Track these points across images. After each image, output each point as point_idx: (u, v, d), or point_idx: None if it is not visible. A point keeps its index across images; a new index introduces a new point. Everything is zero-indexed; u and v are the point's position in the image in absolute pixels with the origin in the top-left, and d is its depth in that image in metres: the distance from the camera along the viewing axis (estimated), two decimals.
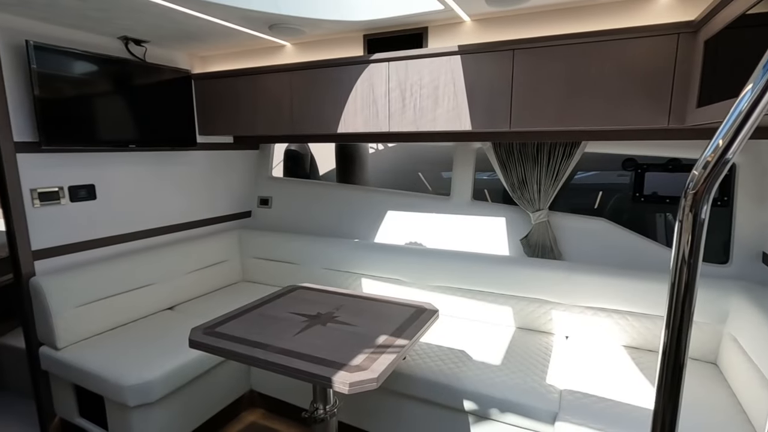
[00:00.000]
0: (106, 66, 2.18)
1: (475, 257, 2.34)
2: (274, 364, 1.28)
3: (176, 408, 1.95)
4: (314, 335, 1.48)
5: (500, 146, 2.36)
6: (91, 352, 1.98)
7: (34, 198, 2.04)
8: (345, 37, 2.38)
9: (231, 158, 3.07)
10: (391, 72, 2.11)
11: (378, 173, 4.33)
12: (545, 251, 2.34)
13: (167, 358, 1.93)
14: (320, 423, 1.58)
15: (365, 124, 2.22)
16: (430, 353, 1.99)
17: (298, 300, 1.85)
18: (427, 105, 2.06)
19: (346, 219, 2.96)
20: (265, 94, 2.45)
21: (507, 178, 2.38)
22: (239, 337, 1.46)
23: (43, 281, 1.98)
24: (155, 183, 2.59)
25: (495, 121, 1.94)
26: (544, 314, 2.17)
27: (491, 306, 2.28)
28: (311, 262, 2.73)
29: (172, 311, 2.50)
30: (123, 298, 2.27)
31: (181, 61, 2.70)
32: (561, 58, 1.77)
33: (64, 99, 2.03)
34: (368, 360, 1.29)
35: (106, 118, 2.21)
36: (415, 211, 2.75)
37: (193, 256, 2.67)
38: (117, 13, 1.88)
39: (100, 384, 1.85)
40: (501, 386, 1.73)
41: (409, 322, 1.59)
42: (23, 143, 2.00)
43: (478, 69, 1.92)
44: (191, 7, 1.85)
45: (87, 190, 2.25)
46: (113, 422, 1.91)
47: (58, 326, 2.00)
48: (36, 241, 2.07)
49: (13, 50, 1.93)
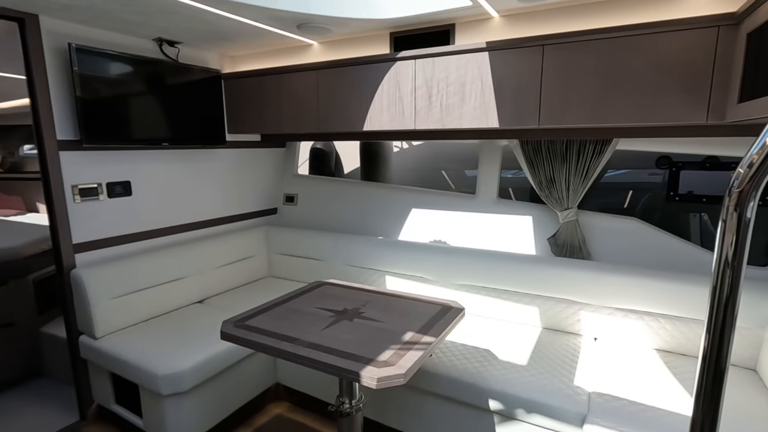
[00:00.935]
0: (141, 67, 2.26)
1: (500, 256, 2.31)
2: (303, 358, 1.31)
3: (206, 398, 2.01)
4: (341, 330, 1.50)
5: (528, 144, 2.33)
6: (126, 342, 2.06)
7: (75, 194, 2.14)
8: (371, 35, 2.39)
9: (258, 156, 3.13)
10: (418, 69, 2.11)
11: (401, 171, 4.33)
12: (573, 251, 2.29)
13: (198, 349, 1.99)
14: (346, 417, 1.60)
15: (391, 122, 2.22)
16: (455, 351, 1.98)
17: (325, 295, 1.87)
18: (453, 102, 2.04)
19: (370, 216, 2.97)
20: (292, 92, 2.48)
21: (534, 176, 2.34)
22: (268, 330, 1.50)
23: (83, 273, 2.08)
24: (186, 180, 2.67)
25: (523, 118, 1.92)
26: (572, 315, 2.13)
27: (517, 306, 2.26)
28: (336, 259, 2.76)
29: (201, 304, 2.58)
30: (156, 291, 2.35)
31: (212, 61, 2.77)
32: (593, 53, 1.73)
33: (102, 99, 2.12)
34: (395, 356, 1.30)
35: (141, 117, 2.29)
36: (440, 209, 2.74)
37: (221, 252, 2.74)
38: (153, 15, 1.95)
39: (136, 373, 1.93)
40: (527, 386, 1.71)
41: (435, 320, 1.59)
42: (65, 141, 2.09)
43: (507, 65, 1.90)
44: (223, 8, 1.90)
45: (123, 187, 2.34)
46: (147, 410, 1.99)
47: (97, 316, 2.09)
48: (76, 235, 2.16)
49: (57, 52, 2.02)
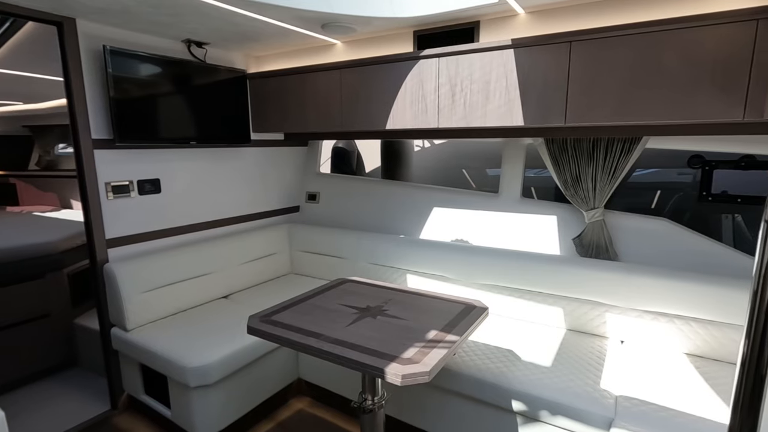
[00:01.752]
0: (170, 67, 2.32)
1: (524, 256, 2.29)
2: (328, 353, 1.32)
3: (231, 391, 2.05)
4: (365, 327, 1.51)
5: (553, 142, 2.29)
6: (156, 335, 2.13)
7: (108, 191, 2.22)
8: (395, 33, 2.39)
9: (281, 155, 3.18)
10: (441, 67, 2.10)
11: (422, 170, 4.33)
12: (599, 251, 2.25)
13: (224, 343, 2.03)
14: (368, 414, 1.61)
15: (414, 120, 2.22)
16: (477, 351, 1.97)
17: (348, 293, 1.89)
18: (477, 100, 2.03)
19: (391, 215, 2.98)
20: (315, 91, 2.51)
21: (560, 175, 2.30)
22: (293, 325, 1.52)
23: (115, 267, 2.15)
24: (212, 178, 2.73)
25: (549, 116, 1.89)
26: (598, 317, 2.09)
27: (540, 306, 2.23)
28: (357, 257, 2.78)
29: (226, 300, 2.64)
30: (183, 286, 2.42)
31: (238, 61, 2.82)
32: (623, 49, 1.69)
33: (134, 99, 2.18)
34: (419, 354, 1.30)
35: (170, 116, 2.36)
36: (462, 208, 2.72)
37: (245, 248, 2.80)
38: (184, 17, 2.00)
39: (165, 365, 1.98)
40: (551, 388, 1.69)
41: (458, 319, 1.59)
42: (99, 140, 2.17)
43: (532, 63, 1.87)
44: (251, 9, 1.93)
45: (153, 184, 2.41)
46: (175, 401, 2.05)
47: (128, 309, 2.16)
48: (109, 231, 2.24)
49: (92, 54, 2.10)
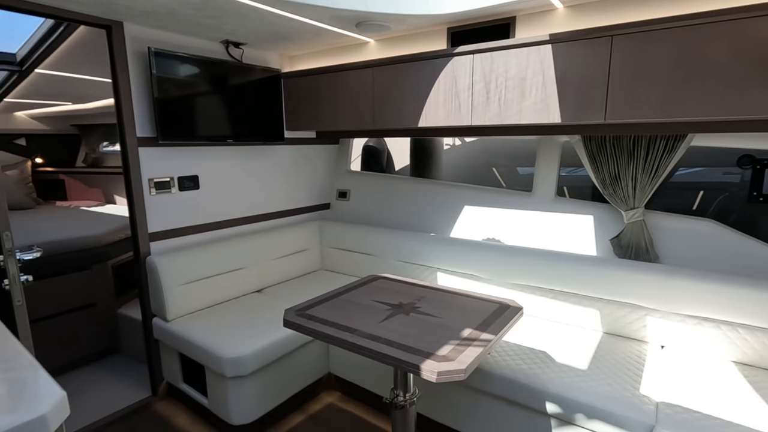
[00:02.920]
0: (209, 68, 2.40)
1: (559, 256, 2.24)
2: (363, 348, 1.34)
3: (265, 382, 2.11)
4: (399, 324, 1.52)
5: (590, 140, 2.23)
6: (194, 326, 2.21)
7: (151, 187, 2.32)
8: (428, 31, 2.39)
9: (313, 152, 3.23)
10: (476, 64, 2.08)
11: (451, 168, 4.29)
12: (639, 253, 2.17)
13: (258, 336, 2.09)
14: (400, 410, 1.62)
15: (447, 118, 2.21)
16: (510, 351, 1.94)
17: (380, 289, 1.90)
18: (512, 97, 2.00)
19: (422, 213, 2.98)
20: (348, 90, 2.53)
21: (597, 173, 2.24)
22: (328, 320, 1.55)
23: (157, 260, 2.25)
24: (247, 175, 2.81)
25: (588, 113, 1.84)
26: (637, 320, 2.02)
27: (576, 308, 2.17)
28: (387, 255, 2.79)
29: (260, 294, 2.70)
30: (219, 279, 2.50)
31: (273, 61, 2.88)
32: (668, 42, 1.63)
33: (175, 98, 2.27)
34: (454, 351, 1.30)
35: (208, 115, 2.43)
36: (494, 206, 2.69)
37: (278, 244, 2.86)
38: (224, 19, 2.06)
39: (202, 355, 2.06)
40: (588, 391, 1.65)
41: (493, 318, 1.57)
42: (144, 138, 2.27)
43: (571, 58, 1.83)
44: (288, 9, 1.97)
45: (192, 181, 2.50)
46: (212, 389, 2.12)
47: (169, 301, 2.25)
48: (151, 225, 2.34)
49: (138, 56, 2.20)
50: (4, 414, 0.82)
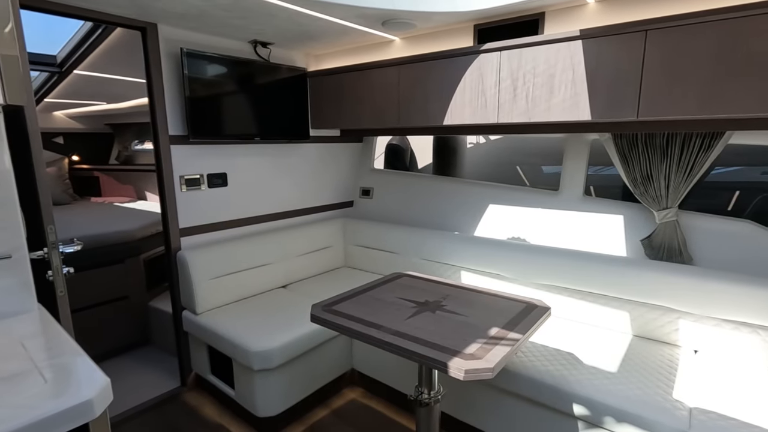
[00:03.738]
0: (238, 67, 2.45)
1: (586, 256, 2.19)
2: (390, 345, 1.35)
3: (290, 376, 2.15)
4: (425, 321, 1.52)
5: (621, 137, 2.17)
6: (222, 320, 2.27)
7: (182, 183, 2.39)
8: (454, 28, 2.37)
9: (337, 150, 3.26)
10: (503, 61, 2.05)
11: (474, 167, 4.26)
12: (671, 254, 2.11)
13: (284, 330, 2.13)
14: (425, 407, 1.62)
15: (472, 116, 2.19)
16: (535, 352, 1.92)
17: (405, 287, 1.91)
18: (540, 94, 1.97)
19: (445, 211, 2.96)
20: (373, 88, 2.54)
21: (628, 172, 2.18)
22: (354, 316, 1.56)
23: (187, 255, 2.32)
24: (273, 172, 2.85)
25: (619, 110, 1.79)
26: (669, 323, 1.96)
27: (604, 309, 2.13)
28: (411, 253, 2.79)
29: (285, 289, 2.75)
30: (246, 275, 2.55)
31: (299, 60, 2.92)
32: (706, 36, 1.57)
33: (205, 97, 2.33)
34: (481, 350, 1.29)
35: (237, 114, 2.49)
36: (519, 205, 2.66)
37: (302, 241, 2.90)
38: (254, 19, 2.10)
39: (230, 348, 2.11)
40: (617, 394, 1.61)
41: (520, 317, 1.56)
42: (175, 136, 2.34)
43: (602, 54, 1.79)
44: (315, 8, 1.99)
45: (221, 178, 2.56)
46: (239, 382, 2.17)
47: (198, 294, 2.32)
48: (182, 220, 2.41)
49: (170, 57, 2.26)
50: (54, 398, 0.87)
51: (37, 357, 1.03)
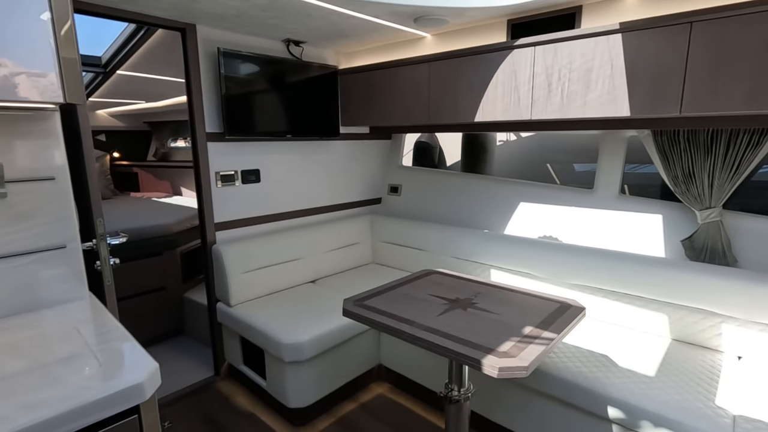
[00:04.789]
0: (271, 66, 2.50)
1: (623, 256, 2.13)
2: (422, 340, 1.36)
3: (319, 369, 2.19)
4: (456, 318, 1.52)
5: (661, 134, 2.10)
6: (254, 312, 2.33)
7: (217, 179, 2.46)
8: (487, 23, 2.34)
9: (366, 148, 3.28)
10: (537, 56, 2.02)
11: (504, 164, 4.19)
12: (714, 256, 2.02)
13: (315, 324, 2.17)
14: (455, 404, 1.62)
15: (505, 113, 2.17)
16: (567, 353, 1.89)
17: (435, 284, 1.91)
18: (576, 90, 1.92)
19: (474, 209, 2.94)
20: (403, 85, 2.55)
21: (668, 170, 2.10)
22: (386, 311, 1.58)
23: (222, 248, 2.39)
24: (304, 169, 2.90)
25: (660, 105, 1.73)
26: (711, 328, 1.88)
27: (640, 311, 2.06)
28: (439, 250, 2.79)
29: (314, 284, 2.80)
30: (277, 269, 2.61)
31: (330, 58, 2.95)
32: (756, 28, 1.49)
33: (240, 96, 2.39)
34: (515, 348, 1.28)
35: (270, 111, 2.54)
36: (551, 203, 2.60)
37: (331, 237, 2.94)
38: (289, 18, 2.14)
39: (262, 339, 2.17)
40: (655, 399, 1.56)
41: (554, 317, 1.53)
42: (212, 134, 2.41)
43: (643, 47, 1.73)
44: (349, 6, 2.01)
45: (254, 174, 2.63)
46: (270, 373, 2.23)
47: (232, 287, 2.39)
48: (217, 215, 2.49)
49: (208, 56, 2.33)
50: (109, 380, 0.92)
51: (91, 341, 1.10)
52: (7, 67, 0.98)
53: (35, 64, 1.00)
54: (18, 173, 1.24)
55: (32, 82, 1.00)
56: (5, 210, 1.23)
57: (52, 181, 1.30)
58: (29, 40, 1.00)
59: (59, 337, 1.14)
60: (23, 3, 0.98)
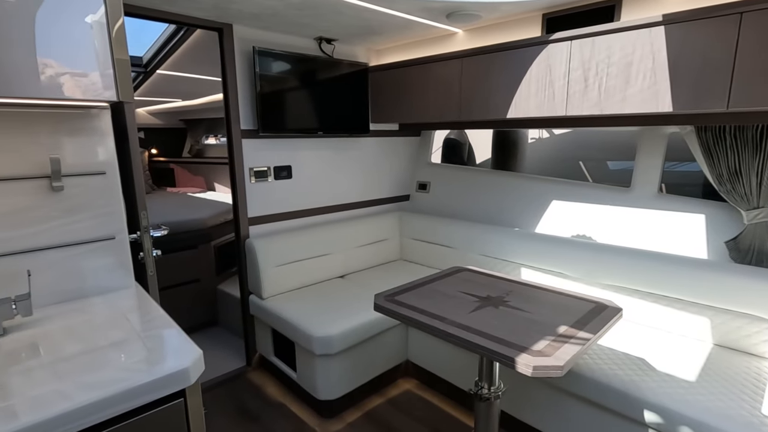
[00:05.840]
0: (304, 64, 2.54)
1: (661, 257, 2.06)
2: (454, 336, 1.36)
3: (348, 363, 2.22)
4: (488, 316, 1.51)
5: (706, 130, 2.01)
6: (286, 305, 2.38)
7: (251, 175, 2.53)
8: (521, 18, 2.30)
9: (395, 144, 3.29)
10: (573, 51, 1.97)
11: (536, 162, 4.11)
12: (762, 258, 1.92)
13: (344, 318, 2.20)
14: (484, 402, 1.62)
15: (538, 109, 2.12)
16: (602, 355, 1.84)
17: (466, 281, 1.90)
18: (615, 85, 1.87)
19: (504, 207, 2.90)
20: (434, 81, 2.53)
21: (713, 168, 2.01)
22: (417, 307, 1.59)
23: (255, 243, 2.46)
24: (334, 166, 2.94)
25: (706, 100, 1.66)
26: (757, 333, 1.80)
27: (679, 314, 1.99)
28: (468, 248, 2.77)
29: (343, 279, 2.84)
30: (307, 263, 2.66)
31: (360, 55, 2.98)
32: None
33: (274, 93, 2.44)
34: (550, 347, 1.27)
35: (301, 108, 2.58)
36: (584, 202, 2.54)
37: (360, 233, 2.97)
38: (322, 17, 2.18)
39: (293, 332, 2.22)
40: (695, 405, 1.51)
41: (589, 317, 1.50)
42: (246, 131, 2.48)
43: (688, 40, 1.66)
44: (381, 3, 2.02)
45: (286, 170, 2.69)
46: (300, 365, 2.28)
47: (264, 280, 2.46)
48: (250, 210, 2.56)
49: (243, 55, 2.40)
50: (157, 364, 0.97)
51: (138, 328, 1.16)
52: (72, 68, 1.04)
53: (94, 65, 1.06)
54: (72, 168, 1.32)
55: (91, 82, 1.06)
56: (61, 202, 1.31)
57: (103, 175, 1.38)
58: (89, 43, 1.06)
59: (110, 323, 1.21)
60: (84, 9, 1.04)
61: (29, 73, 0.98)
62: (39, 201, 1.27)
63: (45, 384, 0.93)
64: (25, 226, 1.25)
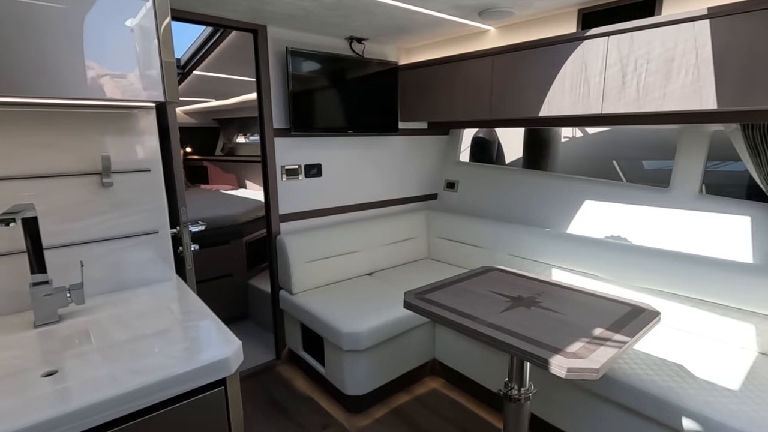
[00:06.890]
0: (335, 63, 2.57)
1: (703, 260, 1.98)
2: (485, 336, 1.35)
3: (376, 360, 2.24)
4: (520, 316, 1.50)
5: (752, 128, 1.91)
6: (315, 301, 2.43)
7: (282, 173, 2.59)
8: (555, 14, 2.26)
9: (424, 143, 3.28)
10: (611, 46, 1.92)
11: (568, 161, 4.01)
12: None
13: (372, 315, 2.22)
14: (514, 403, 1.60)
15: (573, 107, 2.08)
16: (637, 359, 1.79)
17: (496, 281, 1.89)
18: (654, 81, 1.81)
19: (535, 206, 2.85)
20: (465, 79, 2.52)
21: (760, 168, 1.92)
22: (447, 305, 1.59)
23: (286, 239, 2.51)
24: (363, 164, 2.97)
25: (753, 96, 1.58)
26: None
27: (721, 320, 1.91)
28: (497, 248, 2.74)
29: (371, 277, 2.86)
30: (336, 261, 2.70)
31: (390, 54, 2.99)
32: None
33: (305, 92, 2.48)
34: (584, 349, 1.24)
35: (332, 107, 2.62)
36: (620, 202, 2.46)
37: (387, 231, 2.98)
38: (354, 17, 2.20)
39: (322, 327, 2.26)
40: (739, 416, 1.45)
41: (626, 320, 1.46)
42: (278, 129, 2.53)
43: (734, 33, 1.59)
44: (413, 2, 2.02)
45: (316, 168, 2.73)
46: (329, 360, 2.32)
47: (294, 276, 2.51)
48: (282, 207, 2.62)
49: (277, 55, 2.45)
50: (199, 353, 1.01)
51: (180, 318, 1.21)
52: (125, 70, 1.10)
53: (144, 67, 1.12)
54: (120, 165, 1.39)
55: (141, 84, 1.12)
56: (110, 198, 1.38)
57: (148, 172, 1.44)
58: (141, 47, 1.12)
59: (154, 313, 1.27)
60: (127, 12, 1.10)
61: (79, 76, 1.05)
62: (90, 196, 1.34)
63: (97, 368, 0.99)
64: (78, 219, 1.33)
